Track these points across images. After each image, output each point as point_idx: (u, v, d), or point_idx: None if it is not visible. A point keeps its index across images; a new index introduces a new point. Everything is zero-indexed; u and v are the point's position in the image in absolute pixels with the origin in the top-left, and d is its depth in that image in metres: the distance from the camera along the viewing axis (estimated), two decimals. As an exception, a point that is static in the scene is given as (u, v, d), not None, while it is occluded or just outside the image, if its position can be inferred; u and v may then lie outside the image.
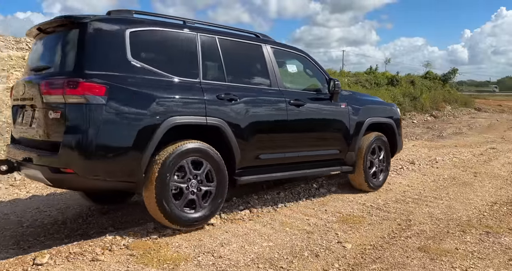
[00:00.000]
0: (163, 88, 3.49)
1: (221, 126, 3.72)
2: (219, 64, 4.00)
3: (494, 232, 3.82)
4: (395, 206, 4.71)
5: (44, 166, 3.22)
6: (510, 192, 5.45)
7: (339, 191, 5.35)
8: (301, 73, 5.13)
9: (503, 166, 7.42)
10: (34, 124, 3.47)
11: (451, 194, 5.26)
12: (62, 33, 3.53)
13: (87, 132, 3.13)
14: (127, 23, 3.52)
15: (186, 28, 3.89)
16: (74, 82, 3.13)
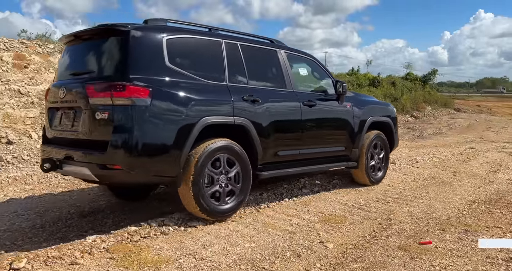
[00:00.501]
0: (197, 91, 3.81)
1: (246, 126, 4.06)
2: (241, 68, 4.32)
3: (472, 230, 3.88)
4: (376, 205, 4.75)
5: (92, 163, 3.49)
6: (488, 190, 5.56)
7: (321, 191, 5.39)
8: (310, 75, 5.49)
9: (481, 165, 7.56)
10: (78, 125, 3.68)
11: (431, 193, 5.34)
12: (103, 40, 3.81)
13: (134, 132, 3.40)
14: (163, 31, 3.84)
15: (212, 35, 4.27)
16: (122, 85, 3.41)
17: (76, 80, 3.90)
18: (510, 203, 4.89)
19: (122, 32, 3.62)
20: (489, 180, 6.21)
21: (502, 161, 8.13)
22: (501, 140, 12.44)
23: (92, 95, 3.54)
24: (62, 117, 3.97)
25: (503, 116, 26.89)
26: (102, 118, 3.47)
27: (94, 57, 3.93)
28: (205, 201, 3.75)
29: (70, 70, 4.11)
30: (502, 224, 4.08)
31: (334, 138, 5.28)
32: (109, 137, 3.40)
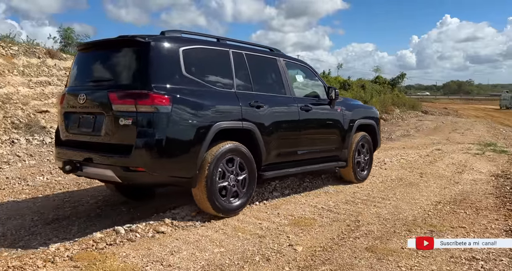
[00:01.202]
0: (210, 98, 4.12)
1: (252, 129, 4.38)
2: (247, 76, 4.64)
3: (437, 230, 3.98)
4: (345, 207, 4.80)
5: (116, 166, 3.73)
6: (453, 191, 5.71)
7: (292, 193, 5.40)
8: (305, 81, 5.86)
9: (447, 167, 7.77)
10: (100, 129, 3.88)
11: (398, 194, 5.44)
12: (124, 50, 4.09)
13: (156, 136, 3.66)
14: (180, 42, 4.10)
15: (221, 45, 4.57)
16: (145, 94, 3.66)
17: (97, 88, 4.12)
18: (474, 203, 5.04)
19: (143, 44, 3.85)
20: (454, 181, 6.39)
21: (467, 162, 8.39)
22: (466, 141, 12.85)
23: (116, 102, 3.75)
24: (80, 122, 4.16)
25: (469, 118, 27.80)
26: (126, 124, 3.69)
27: (114, 66, 4.17)
28: (217, 199, 4.06)
29: (89, 78, 4.34)
30: (466, 224, 4.20)
31: (327, 140, 5.66)
32: (132, 141, 3.65)
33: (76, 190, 5.71)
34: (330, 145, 5.68)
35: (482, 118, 29.08)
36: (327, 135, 5.66)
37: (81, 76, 4.44)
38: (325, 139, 5.63)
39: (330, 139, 5.68)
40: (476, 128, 18.64)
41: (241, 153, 4.28)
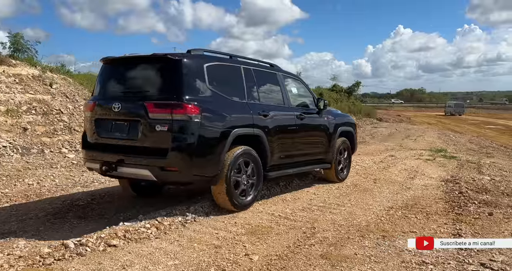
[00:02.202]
0: (229, 108, 4.75)
1: (260, 135, 5.03)
2: (255, 88, 5.31)
3: (389, 235, 4.08)
4: (301, 214, 4.84)
5: (153, 166, 4.28)
6: (405, 196, 5.89)
7: (249, 202, 5.38)
8: (298, 93, 6.51)
9: (400, 172, 8.02)
10: (134, 134, 4.42)
11: (353, 200, 5.55)
12: (156, 65, 4.64)
13: (188, 141, 4.27)
14: (204, 59, 4.77)
15: (234, 62, 5.25)
16: (180, 104, 4.24)
17: (132, 98, 4.62)
18: (425, 208, 5.22)
19: (175, 61, 4.45)
20: (406, 186, 6.59)
21: (418, 167, 8.69)
22: (418, 147, 13.33)
23: (152, 111, 4.29)
24: (112, 127, 4.64)
25: (421, 125, 28.94)
26: (162, 130, 4.25)
27: (148, 79, 4.71)
28: (234, 196, 4.69)
29: (122, 89, 4.86)
30: (416, 228, 4.34)
31: (317, 144, 6.36)
32: (168, 145, 4.22)
33: (24, 203, 5.44)
34: (319, 148, 6.38)
35: (434, 125, 30.37)
36: (317, 140, 6.36)
37: (113, 87, 4.94)
38: (315, 144, 6.34)
39: (319, 144, 6.39)
40: (428, 135, 19.40)
41: (252, 155, 4.92)
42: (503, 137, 22.85)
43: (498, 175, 7.99)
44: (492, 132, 25.91)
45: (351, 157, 7.37)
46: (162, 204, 5.10)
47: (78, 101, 11.21)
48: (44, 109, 9.97)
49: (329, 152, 6.52)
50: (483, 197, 5.82)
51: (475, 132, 24.18)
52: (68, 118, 10.26)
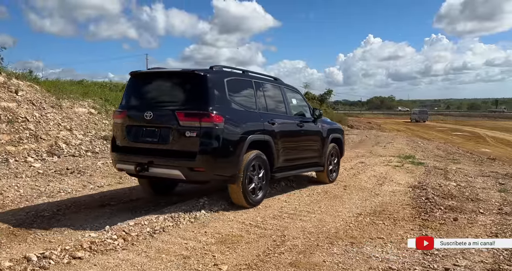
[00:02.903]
0: (245, 117, 5.48)
1: (269, 141, 5.70)
2: (263, 99, 6.03)
3: (357, 242, 4.12)
4: (272, 222, 4.83)
5: (184, 167, 4.92)
6: (374, 203, 5.98)
7: (220, 210, 5.32)
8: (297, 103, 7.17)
9: (369, 179, 8.15)
10: (165, 139, 5.05)
11: (323, 207, 5.59)
12: (184, 80, 5.36)
13: (214, 145, 4.93)
14: (224, 74, 5.50)
15: (246, 76, 5.99)
16: (207, 114, 4.91)
17: (163, 108, 5.26)
18: (392, 214, 5.31)
19: (201, 76, 5.15)
20: (375, 193, 6.70)
21: (387, 174, 8.86)
22: (387, 154, 13.60)
23: (183, 119, 4.95)
24: (143, 133, 5.25)
25: (391, 132, 29.56)
26: (191, 136, 4.90)
27: (177, 91, 5.43)
28: (248, 194, 5.38)
29: (152, 99, 5.49)
30: (384, 235, 4.40)
31: (313, 149, 7.07)
32: (196, 148, 4.87)
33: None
34: (314, 153, 7.08)
35: (403, 132, 31.09)
36: (313, 145, 7.07)
37: (143, 98, 5.56)
38: (311, 148, 7.04)
39: (314, 148, 7.09)
40: (397, 142, 19.82)
41: (262, 159, 5.57)
42: (469, 143, 23.61)
43: (464, 180, 8.23)
44: (459, 139, 26.73)
45: (339, 161, 8.09)
46: (129, 213, 5.01)
47: (45, 108, 10.93)
48: (9, 117, 9.66)
49: (323, 156, 7.24)
50: (448, 202, 5.98)
51: (442, 139, 24.89)
52: (35, 127, 9.98)
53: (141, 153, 5.22)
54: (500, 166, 12.22)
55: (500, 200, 6.29)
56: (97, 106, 12.77)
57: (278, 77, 6.97)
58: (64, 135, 10.38)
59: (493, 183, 8.10)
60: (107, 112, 12.76)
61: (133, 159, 5.23)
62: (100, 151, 10.37)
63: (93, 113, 12.29)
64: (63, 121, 10.95)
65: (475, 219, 5.12)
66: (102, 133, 11.24)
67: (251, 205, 5.44)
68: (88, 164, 8.73)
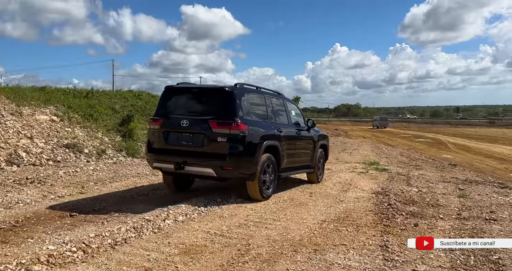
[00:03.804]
0: (261, 126, 6.60)
1: (278, 146, 6.85)
2: (272, 112, 7.22)
3: (321, 249, 4.17)
4: (237, 231, 4.81)
5: (216, 166, 6.02)
6: (338, 209, 6.07)
7: (186, 220, 5.26)
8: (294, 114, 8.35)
9: (334, 185, 8.27)
10: (199, 143, 6.15)
11: (288, 215, 5.62)
12: (215, 94, 6.53)
13: (240, 149, 6.03)
14: (245, 90, 6.70)
15: (260, 92, 7.18)
16: (236, 122, 6.03)
17: (197, 117, 6.26)
18: (355, 220, 5.40)
19: (230, 92, 6.31)
20: (340, 199, 6.80)
21: (352, 180, 9.02)
22: (353, 160, 13.85)
23: (215, 127, 6.05)
24: (179, 138, 6.34)
25: (357, 139, 30.09)
26: (222, 141, 6.01)
27: (209, 104, 6.46)
28: (262, 189, 6.50)
29: (187, 110, 6.48)
30: (346, 241, 4.47)
31: (307, 153, 8.24)
32: (226, 151, 5.98)
33: None
34: (308, 157, 8.26)
35: (369, 139, 31.74)
36: (307, 150, 8.24)
37: (179, 108, 6.58)
38: (306, 153, 8.19)
39: (308, 153, 8.26)
40: (362, 148, 20.25)
41: (272, 161, 6.68)
42: (431, 149, 24.34)
43: (425, 186, 8.48)
44: (422, 145, 27.54)
45: (324, 164, 9.35)
46: (90, 224, 4.87)
47: (4, 116, 10.54)
48: (-35, 125, 9.24)
49: (313, 159, 8.46)
50: (410, 208, 6.14)
51: (406, 146, 25.57)
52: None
53: (177, 154, 6.25)
54: (461, 172, 12.68)
55: (459, 205, 6.52)
56: (59, 114, 12.40)
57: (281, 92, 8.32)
58: (24, 143, 10.01)
59: (453, 188, 8.39)
60: (70, 119, 12.42)
61: (170, 159, 6.26)
62: (62, 159, 10.06)
63: (55, 120, 11.92)
64: (23, 129, 10.57)
65: (435, 224, 5.27)
66: (65, 141, 10.91)
67: (264, 198, 6.56)
68: (49, 173, 8.45)
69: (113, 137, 12.71)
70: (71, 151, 10.62)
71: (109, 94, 18.20)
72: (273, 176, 6.73)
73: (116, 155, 11.68)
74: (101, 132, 12.58)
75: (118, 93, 19.22)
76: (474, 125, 76.81)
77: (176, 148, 6.31)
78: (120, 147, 12.17)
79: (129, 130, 13.17)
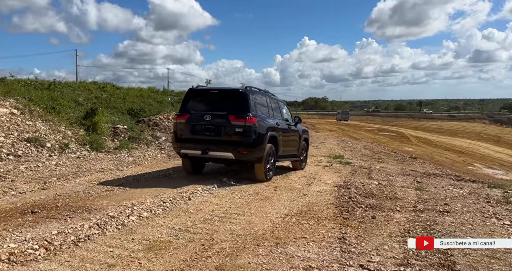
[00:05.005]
0: (265, 120, 8.26)
1: (277, 136, 8.49)
2: (271, 109, 8.95)
3: (282, 242, 4.31)
4: (202, 226, 4.89)
5: (235, 151, 7.70)
6: (301, 203, 6.25)
7: (151, 216, 5.28)
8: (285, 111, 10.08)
9: (299, 179, 8.47)
10: (220, 133, 7.83)
11: (253, 209, 5.75)
12: (232, 95, 8.45)
13: (252, 137, 7.70)
14: (252, 92, 8.28)
15: (262, 93, 8.96)
16: (250, 117, 7.70)
17: (218, 112, 7.88)
18: (317, 213, 5.59)
19: (242, 93, 8.06)
20: (303, 193, 6.99)
21: (316, 174, 9.25)
22: (319, 154, 14.16)
23: (233, 120, 7.71)
24: (202, 129, 7.98)
25: (323, 132, 30.60)
26: (239, 131, 7.68)
27: (227, 102, 8.15)
28: (266, 172, 8.09)
29: (210, 107, 8.14)
30: (307, 234, 4.63)
31: (294, 145, 9.84)
32: (242, 139, 7.68)
33: None
34: (295, 147, 9.87)
35: (335, 132, 32.36)
36: (294, 142, 9.87)
37: (202, 105, 8.27)
38: (293, 144, 9.80)
39: (295, 144, 9.90)
40: (328, 142, 20.67)
41: (273, 149, 8.27)
42: (394, 142, 25.15)
43: (385, 179, 8.82)
44: (385, 138, 28.39)
45: (307, 154, 11.17)
46: (53, 221, 4.84)
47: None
48: None
49: (299, 150, 10.12)
50: (369, 201, 6.40)
51: (370, 139, 26.29)
52: None
53: (202, 143, 7.87)
54: (421, 165, 13.23)
55: (416, 198, 6.84)
56: (20, 107, 12.01)
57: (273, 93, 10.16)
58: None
59: (412, 181, 8.78)
60: (31, 112, 12.06)
61: (196, 146, 7.90)
62: (23, 154, 9.80)
63: (16, 114, 11.56)
64: (-19, 123, 10.20)
65: (391, 216, 5.53)
66: (26, 135, 10.61)
67: (267, 180, 8.12)
68: (9, 169, 8.23)
69: (76, 131, 12.44)
70: (32, 145, 10.35)
71: (72, 86, 17.73)
72: (273, 161, 8.38)
73: (79, 149, 11.46)
74: (64, 126, 12.29)
75: (82, 84, 18.74)
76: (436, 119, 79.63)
77: (201, 137, 7.93)
78: (83, 141, 11.94)
79: (93, 123, 12.91)
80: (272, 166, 8.34)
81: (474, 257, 4.02)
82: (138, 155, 11.78)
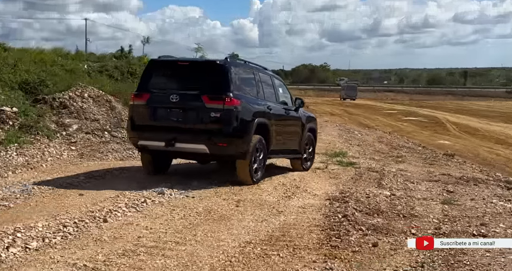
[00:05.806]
0: (252, 103, 8.99)
1: (268, 124, 9.16)
2: (261, 88, 9.64)
3: (237, 286, 4.36)
4: (120, 261, 4.84)
5: (209, 142, 8.28)
6: (273, 224, 6.31)
7: (42, 247, 5.21)
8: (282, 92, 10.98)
9: (275, 189, 8.60)
10: (189, 119, 8.53)
11: (200, 235, 5.76)
12: (203, 68, 9.30)
13: (233, 124, 8.33)
14: (235, 65, 9.11)
15: (248, 67, 9.76)
16: (230, 97, 8.29)
17: (188, 92, 8.64)
18: (293, 240, 5.66)
19: (221, 65, 8.73)
20: (278, 210, 7.07)
21: (302, 180, 9.45)
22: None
23: (208, 102, 8.30)
24: (168, 114, 8.65)
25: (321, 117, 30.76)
26: (215, 116, 8.28)
27: (199, 78, 8.85)
28: (252, 172, 8.72)
29: (177, 84, 8.99)
30: (274, 271, 4.70)
31: (294, 137, 10.68)
32: (220, 127, 8.33)
33: None
34: (295, 140, 10.65)
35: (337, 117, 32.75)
36: (294, 133, 10.68)
37: (167, 82, 9.10)
38: (293, 136, 10.62)
39: (295, 136, 10.68)
40: (326, 132, 20.84)
41: (262, 143, 8.93)
42: (423, 132, 25.39)
43: (402, 188, 9.03)
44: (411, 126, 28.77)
45: (315, 149, 11.94)
46: None
47: None
48: None
49: (301, 144, 10.82)
50: (372, 220, 6.53)
51: (389, 127, 26.68)
52: None
53: (166, 131, 8.44)
54: (458, 165, 13.46)
55: (441, 216, 7.02)
56: None
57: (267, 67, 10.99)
58: None
59: (440, 190, 9.00)
60: None
61: (159, 136, 8.44)
62: None
63: None
64: None
65: (401, 243, 5.65)
66: None
67: (254, 182, 8.73)
68: None
69: None
70: None
71: None
72: (263, 157, 9.03)
73: None
74: None
75: None
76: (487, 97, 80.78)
77: (165, 125, 8.57)
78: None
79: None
80: (261, 164, 8.96)
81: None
82: (34, 152, 11.56)
